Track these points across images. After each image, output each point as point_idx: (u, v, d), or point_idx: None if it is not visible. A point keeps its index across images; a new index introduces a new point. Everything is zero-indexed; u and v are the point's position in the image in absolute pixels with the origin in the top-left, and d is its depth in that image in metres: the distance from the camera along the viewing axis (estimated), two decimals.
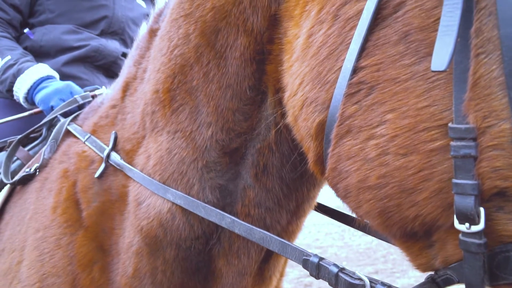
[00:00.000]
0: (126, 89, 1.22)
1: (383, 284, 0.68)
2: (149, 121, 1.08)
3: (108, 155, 1.14)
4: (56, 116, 1.64)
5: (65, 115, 1.58)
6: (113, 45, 2.11)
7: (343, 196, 0.68)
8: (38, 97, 1.76)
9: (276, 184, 0.97)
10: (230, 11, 0.90)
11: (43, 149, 1.42)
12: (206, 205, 0.94)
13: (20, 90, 1.81)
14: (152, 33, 1.18)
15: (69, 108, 1.58)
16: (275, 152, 0.95)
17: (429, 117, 0.56)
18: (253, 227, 0.86)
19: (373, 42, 0.63)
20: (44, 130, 1.63)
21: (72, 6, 2.01)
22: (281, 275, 1.23)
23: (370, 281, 0.69)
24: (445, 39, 0.53)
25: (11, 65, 1.82)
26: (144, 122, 1.10)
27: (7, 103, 2.02)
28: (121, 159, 1.12)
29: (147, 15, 2.30)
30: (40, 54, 1.96)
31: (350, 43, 0.65)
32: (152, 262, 1.05)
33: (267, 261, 1.10)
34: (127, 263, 1.08)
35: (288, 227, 1.04)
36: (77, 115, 1.50)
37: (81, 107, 1.61)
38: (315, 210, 1.14)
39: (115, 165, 1.13)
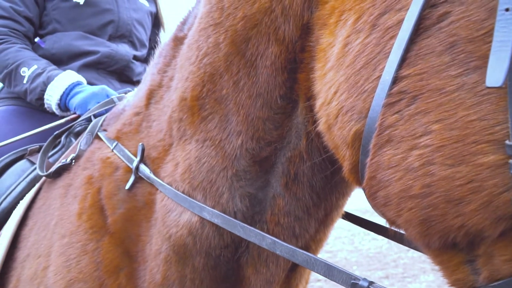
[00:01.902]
0: (150, 96, 1.23)
1: None
2: (176, 129, 1.08)
3: (137, 167, 1.14)
4: (76, 124, 1.65)
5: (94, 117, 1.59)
6: (123, 49, 2.12)
7: (382, 204, 0.68)
8: (74, 102, 1.77)
9: (306, 193, 0.97)
10: (261, 20, 0.90)
11: (79, 139, 1.43)
12: (245, 225, 0.93)
13: (52, 97, 1.82)
14: (177, 41, 1.19)
15: (105, 108, 1.59)
16: (306, 160, 0.95)
17: (479, 130, 0.56)
18: (296, 249, 0.85)
19: (415, 52, 0.63)
20: (62, 138, 1.65)
21: (76, 14, 2.02)
22: (306, 282, 1.23)
23: None
24: (499, 55, 0.53)
25: (39, 74, 1.84)
26: (171, 130, 1.10)
27: (23, 111, 2.03)
28: (150, 172, 1.12)
29: (150, 13, 2.31)
30: (53, 61, 1.97)
31: (389, 52, 0.65)
32: (181, 270, 1.05)
33: (294, 269, 1.10)
34: (155, 271, 1.09)
35: (316, 235, 1.04)
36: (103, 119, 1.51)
37: None
38: None
39: (145, 178, 1.13)
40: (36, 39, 2.08)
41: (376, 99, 0.65)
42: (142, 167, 1.14)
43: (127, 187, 1.16)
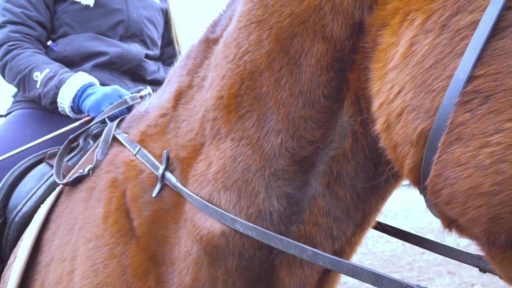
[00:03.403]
0: (179, 98, 1.22)
1: None
2: (209, 127, 1.07)
3: (163, 175, 1.13)
4: (92, 126, 1.64)
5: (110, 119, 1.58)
6: (135, 49, 2.11)
7: (445, 202, 0.68)
8: (87, 104, 1.76)
9: (348, 193, 0.95)
10: (309, 17, 0.90)
11: (96, 150, 1.42)
12: (283, 237, 0.92)
13: (64, 100, 1.81)
14: (209, 42, 1.19)
15: (119, 109, 1.58)
16: (350, 160, 0.94)
17: None
18: (341, 259, 0.84)
19: (489, 52, 0.64)
20: (80, 141, 1.63)
21: (86, 16, 2.02)
22: (336, 285, 1.21)
23: None
24: None
25: (51, 77, 1.83)
26: (203, 129, 1.09)
27: (39, 114, 2.03)
28: (177, 181, 1.11)
29: (162, 10, 2.29)
30: (66, 64, 1.97)
31: (460, 52, 0.66)
32: (213, 272, 1.04)
33: (327, 273, 1.08)
34: (184, 273, 1.07)
35: (352, 238, 1.03)
36: (120, 121, 1.50)
37: (129, 109, 1.60)
38: None
39: (172, 187, 1.11)
40: (49, 43, 2.08)
41: (448, 97, 0.66)
42: (168, 175, 1.13)
43: (154, 194, 1.15)
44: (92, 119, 1.75)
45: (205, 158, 1.07)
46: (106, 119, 1.58)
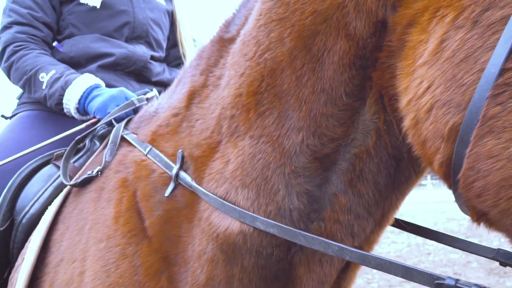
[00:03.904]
0: (192, 97, 1.21)
1: None
2: (226, 125, 1.06)
3: (177, 175, 1.12)
4: (98, 127, 1.63)
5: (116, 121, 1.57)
6: (140, 50, 2.11)
7: (477, 195, 0.69)
8: (93, 106, 1.74)
9: (370, 190, 0.95)
10: (332, 14, 0.90)
11: (104, 152, 1.41)
12: (307, 233, 0.91)
13: (70, 102, 1.79)
14: (224, 41, 1.19)
15: (125, 111, 1.57)
16: (373, 157, 0.93)
17: None
18: (368, 254, 0.84)
19: None
20: (87, 142, 1.62)
21: (93, 17, 2.01)
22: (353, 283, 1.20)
23: None
24: None
25: (57, 79, 1.81)
26: (220, 127, 1.08)
27: (45, 115, 2.02)
28: (192, 180, 1.09)
29: (167, 12, 2.28)
30: (71, 65, 1.95)
31: (491, 46, 0.67)
32: (229, 270, 1.02)
33: (345, 271, 1.08)
34: (199, 272, 1.06)
35: (370, 236, 1.02)
36: (127, 122, 1.49)
37: (136, 110, 1.59)
38: None
39: (187, 186, 1.10)
40: (54, 44, 2.06)
41: (479, 91, 0.67)
42: (183, 174, 1.11)
43: (167, 194, 1.14)
44: (99, 120, 1.74)
45: (221, 156, 1.06)
46: (113, 121, 1.57)
